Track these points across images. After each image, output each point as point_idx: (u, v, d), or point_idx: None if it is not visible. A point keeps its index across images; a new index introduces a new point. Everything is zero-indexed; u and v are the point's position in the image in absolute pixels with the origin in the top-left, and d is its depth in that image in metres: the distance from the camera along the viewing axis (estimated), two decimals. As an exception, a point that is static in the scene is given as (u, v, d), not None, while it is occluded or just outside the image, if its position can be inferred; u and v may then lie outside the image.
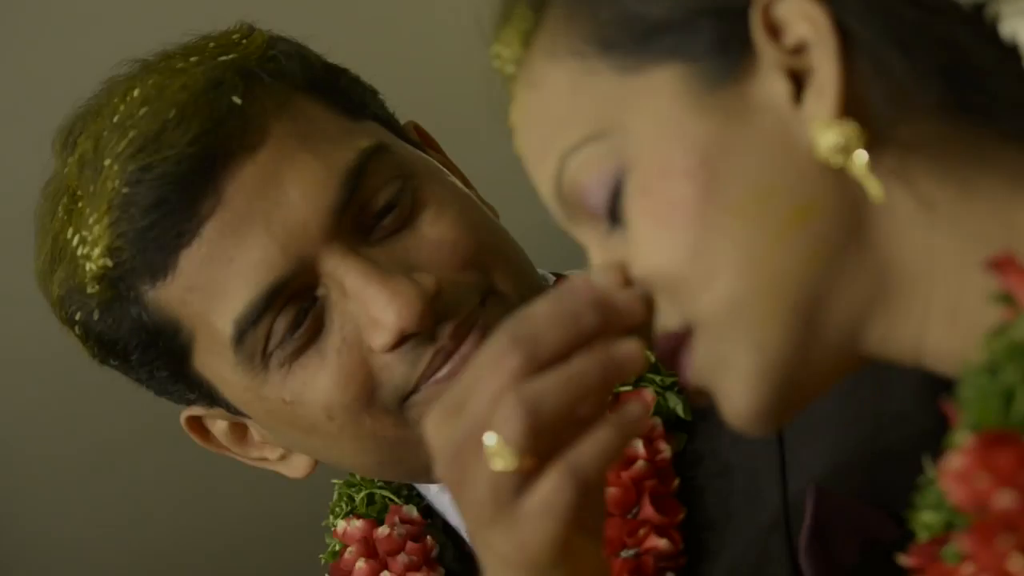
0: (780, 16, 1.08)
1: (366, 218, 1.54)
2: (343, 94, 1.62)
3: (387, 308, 1.48)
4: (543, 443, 1.11)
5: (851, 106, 1.07)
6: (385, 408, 1.52)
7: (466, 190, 1.66)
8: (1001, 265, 1.03)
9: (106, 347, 1.61)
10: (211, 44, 1.60)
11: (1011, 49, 1.07)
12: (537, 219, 1.30)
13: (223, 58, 1.58)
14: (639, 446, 1.46)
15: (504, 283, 1.56)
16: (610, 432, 1.12)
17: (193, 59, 1.58)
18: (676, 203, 1.09)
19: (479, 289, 1.54)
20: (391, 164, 1.56)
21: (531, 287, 1.57)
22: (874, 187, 1.06)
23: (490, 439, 1.11)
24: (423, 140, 1.70)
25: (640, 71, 1.11)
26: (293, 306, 1.51)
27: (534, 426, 1.11)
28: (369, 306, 1.49)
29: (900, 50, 1.06)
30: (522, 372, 1.12)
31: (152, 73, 1.58)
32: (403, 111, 1.68)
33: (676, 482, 1.47)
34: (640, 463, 1.46)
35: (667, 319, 1.13)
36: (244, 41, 1.61)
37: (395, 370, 1.51)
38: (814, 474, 1.40)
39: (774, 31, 1.09)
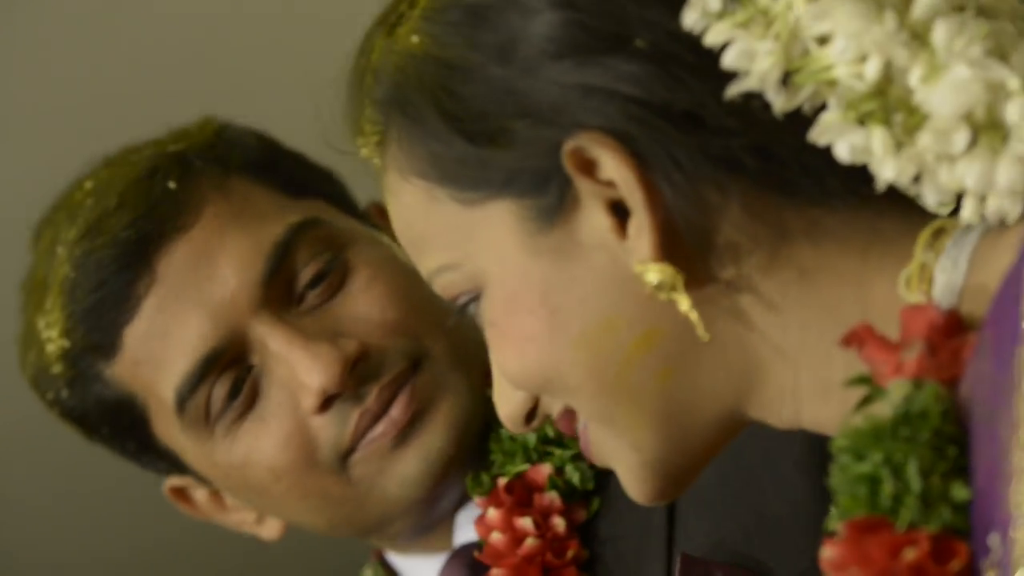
0: (589, 153, 1.07)
1: (295, 288, 1.63)
2: (283, 174, 1.72)
3: (310, 371, 1.58)
4: None
5: (668, 240, 1.06)
6: (327, 467, 1.61)
7: (405, 261, 1.71)
8: (858, 338, 1.02)
9: (79, 423, 1.72)
10: (168, 136, 1.72)
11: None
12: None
13: (171, 148, 1.69)
14: (529, 525, 1.51)
15: (436, 347, 1.62)
16: None
17: (146, 152, 1.70)
18: (524, 337, 1.11)
19: (408, 354, 1.61)
20: (322, 237, 1.65)
21: (467, 351, 1.63)
22: (699, 327, 1.07)
23: None
24: (383, 222, 1.74)
25: (476, 205, 1.11)
26: (229, 375, 1.61)
27: None
28: (295, 370, 1.59)
29: (690, 163, 1.05)
30: None
31: (108, 166, 1.71)
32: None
33: (571, 553, 1.51)
34: (530, 540, 1.51)
35: (553, 403, 1.17)
36: (196, 131, 1.73)
37: (328, 431, 1.60)
38: (700, 541, 1.44)
39: (587, 166, 1.07)
